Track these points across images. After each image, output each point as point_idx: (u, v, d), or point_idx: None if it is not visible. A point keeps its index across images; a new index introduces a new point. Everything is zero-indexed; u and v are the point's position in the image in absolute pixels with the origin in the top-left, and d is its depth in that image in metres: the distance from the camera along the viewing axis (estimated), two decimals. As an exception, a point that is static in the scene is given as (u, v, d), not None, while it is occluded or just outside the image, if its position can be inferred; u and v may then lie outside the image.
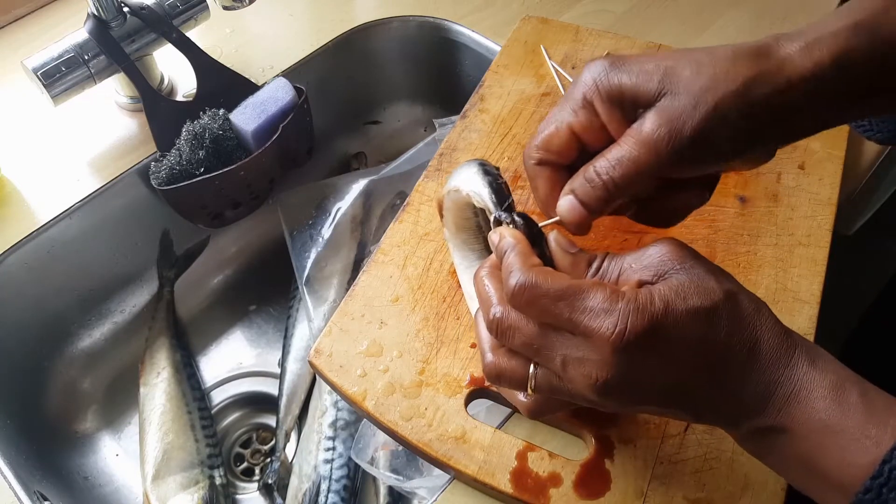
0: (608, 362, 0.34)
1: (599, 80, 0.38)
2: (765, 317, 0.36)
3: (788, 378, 0.35)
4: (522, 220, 0.39)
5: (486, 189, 0.41)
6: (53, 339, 0.73)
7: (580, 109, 0.38)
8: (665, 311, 0.34)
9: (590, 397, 0.35)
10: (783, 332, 0.36)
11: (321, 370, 0.51)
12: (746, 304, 0.36)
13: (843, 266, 0.60)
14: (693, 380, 0.35)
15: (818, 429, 0.34)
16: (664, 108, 0.36)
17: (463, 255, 0.50)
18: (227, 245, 0.83)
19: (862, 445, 0.33)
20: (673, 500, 0.45)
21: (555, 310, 0.35)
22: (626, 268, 0.37)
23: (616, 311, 0.33)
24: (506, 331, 0.37)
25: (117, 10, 0.65)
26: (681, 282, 0.35)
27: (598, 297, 0.34)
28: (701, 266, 0.36)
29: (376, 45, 0.85)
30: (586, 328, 0.34)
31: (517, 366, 0.38)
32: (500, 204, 0.41)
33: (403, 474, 0.56)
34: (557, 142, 0.39)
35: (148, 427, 0.68)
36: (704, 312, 0.34)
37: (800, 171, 0.60)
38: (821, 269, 0.55)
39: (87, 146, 0.71)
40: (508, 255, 0.37)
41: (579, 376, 0.35)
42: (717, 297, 0.35)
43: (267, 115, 0.68)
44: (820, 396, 0.34)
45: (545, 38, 0.72)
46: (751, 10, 0.79)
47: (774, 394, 0.35)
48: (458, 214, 0.48)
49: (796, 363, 0.35)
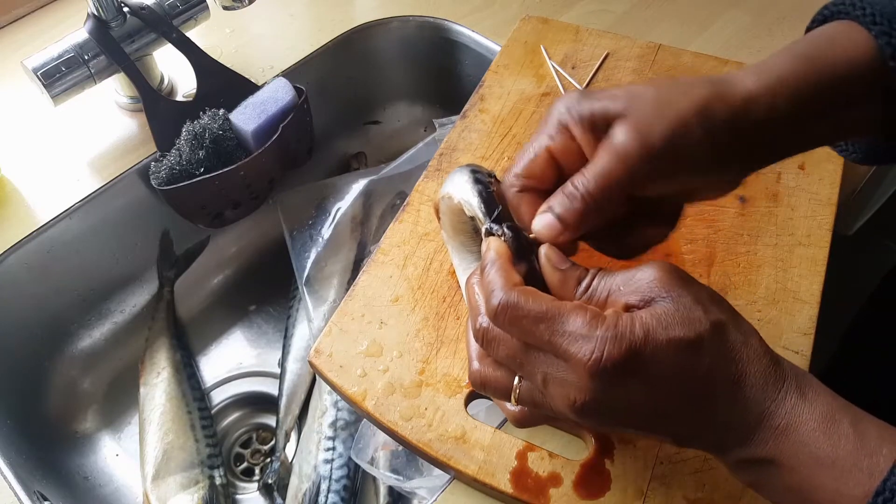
0: (585, 387, 0.34)
1: (571, 107, 0.39)
2: (752, 348, 0.35)
3: (776, 411, 0.34)
4: (512, 232, 0.39)
5: (476, 199, 0.41)
6: (53, 339, 0.73)
7: (557, 134, 0.39)
8: (644, 340, 0.33)
9: (569, 416, 0.36)
10: (772, 364, 0.35)
11: (321, 370, 0.51)
12: (734, 335, 0.35)
13: (843, 266, 0.60)
14: (673, 409, 0.35)
15: (809, 462, 0.33)
16: (632, 121, 0.37)
17: (461, 256, 0.50)
18: (227, 245, 0.83)
19: (854, 477, 0.32)
20: (673, 500, 0.45)
21: (535, 331, 0.35)
22: (615, 289, 0.36)
23: (594, 338, 0.33)
24: (491, 341, 0.37)
25: (117, 10, 0.65)
26: (665, 310, 0.34)
27: (578, 321, 0.34)
28: (690, 294, 0.35)
29: (376, 45, 0.85)
30: (565, 352, 0.34)
31: (502, 376, 0.38)
32: (490, 213, 0.40)
33: (403, 474, 0.56)
34: (537, 167, 0.40)
35: (148, 427, 0.68)
36: (686, 343, 0.34)
37: (800, 171, 0.60)
38: (821, 269, 0.55)
39: (87, 146, 0.71)
40: (489, 269, 0.37)
41: (558, 395, 0.35)
42: (701, 329, 0.34)
43: (267, 115, 0.68)
44: (810, 429, 0.34)
45: (545, 38, 0.72)
46: (751, 10, 0.79)
47: (761, 426, 0.34)
48: (454, 218, 0.48)
49: (784, 396, 0.34)
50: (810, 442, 0.33)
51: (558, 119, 0.40)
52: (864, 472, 0.32)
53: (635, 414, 0.35)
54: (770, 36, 0.77)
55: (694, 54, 0.69)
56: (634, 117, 0.37)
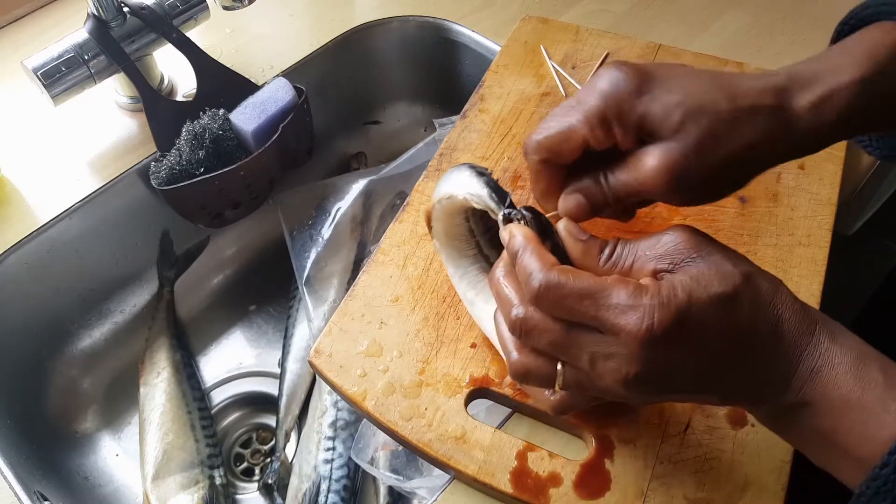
0: (637, 357, 0.34)
1: (623, 104, 0.37)
2: (783, 294, 0.36)
3: (811, 354, 0.35)
4: (531, 214, 0.39)
5: (486, 189, 0.41)
6: (53, 339, 0.73)
7: (597, 126, 0.38)
8: (689, 302, 0.34)
9: (619, 391, 0.36)
10: (802, 309, 0.36)
11: (321, 370, 0.51)
12: (765, 284, 0.36)
13: (843, 266, 0.60)
14: (721, 365, 0.35)
15: (839, 404, 0.34)
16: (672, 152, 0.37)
17: (457, 263, 0.50)
18: (227, 245, 0.83)
19: (882, 420, 0.33)
20: (673, 500, 0.45)
21: (580, 308, 0.35)
22: (641, 255, 0.37)
23: (641, 307, 0.34)
24: (530, 331, 0.37)
25: (117, 10, 0.65)
26: (700, 270, 0.35)
27: (623, 293, 0.34)
28: (717, 252, 0.36)
29: (376, 45, 0.85)
30: (613, 325, 0.34)
31: (544, 364, 0.38)
32: (502, 201, 0.40)
33: (403, 474, 0.56)
34: (567, 148, 0.39)
35: (148, 427, 0.68)
36: (727, 298, 0.34)
37: (800, 171, 0.60)
38: (821, 269, 0.55)
39: (87, 146, 0.71)
40: (522, 254, 0.37)
41: (608, 372, 0.35)
42: (736, 281, 0.35)
43: (267, 115, 0.68)
44: (841, 372, 0.34)
45: (545, 38, 0.72)
46: (751, 10, 0.79)
47: (797, 370, 0.35)
48: (448, 222, 0.48)
49: (818, 339, 0.35)
50: (841, 384, 0.34)
51: (604, 109, 0.38)
52: (891, 415, 0.33)
53: (686, 377, 0.35)
54: (770, 36, 0.77)
55: (694, 54, 0.69)
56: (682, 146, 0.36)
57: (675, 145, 0.37)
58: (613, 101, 0.38)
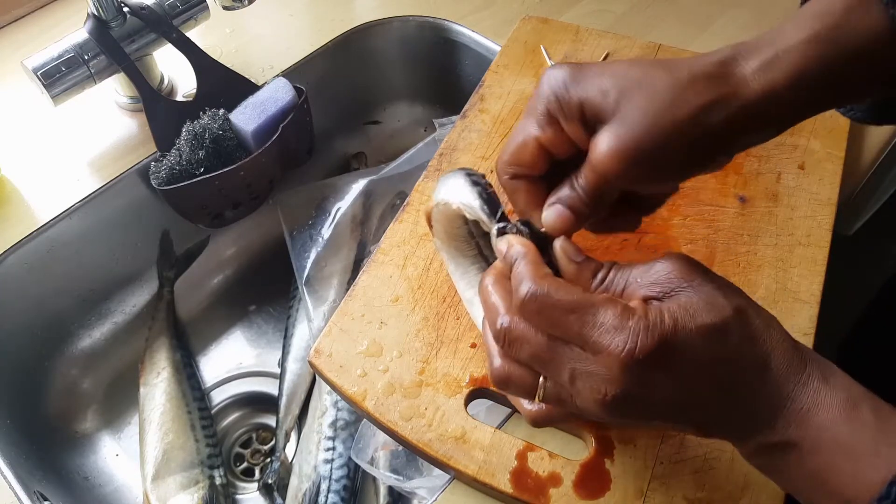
0: (617, 379, 0.34)
1: (560, 96, 0.38)
2: (775, 331, 0.36)
3: (800, 394, 0.34)
4: (527, 227, 0.39)
5: (478, 201, 0.41)
6: (53, 339, 0.73)
7: (546, 125, 0.39)
8: (675, 330, 0.33)
9: (596, 411, 0.35)
10: (794, 348, 0.36)
11: (321, 370, 0.51)
12: (756, 320, 0.35)
13: (843, 266, 0.60)
14: (703, 396, 0.35)
15: (829, 446, 0.33)
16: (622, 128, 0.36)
17: (457, 263, 0.50)
18: (227, 245, 0.83)
19: (872, 464, 0.32)
20: (673, 500, 0.45)
21: (565, 322, 0.35)
22: (632, 282, 0.37)
23: (627, 329, 0.33)
24: (513, 342, 0.37)
25: (117, 10, 0.65)
26: (690, 299, 0.35)
27: (610, 313, 0.34)
28: (709, 283, 0.36)
29: (376, 45, 0.85)
30: (596, 344, 0.34)
31: (526, 374, 0.38)
32: (493, 213, 0.40)
33: (403, 474, 0.56)
34: (528, 156, 0.40)
35: (148, 427, 0.68)
36: (715, 329, 0.34)
37: (800, 171, 0.60)
38: (821, 269, 0.55)
39: (87, 146, 0.71)
40: (519, 263, 0.37)
41: (587, 390, 0.35)
42: (726, 314, 0.34)
43: (267, 115, 0.68)
44: (832, 413, 0.34)
45: (545, 38, 0.72)
46: (751, 9, 0.79)
47: (786, 409, 0.34)
48: (447, 224, 0.48)
49: (808, 380, 0.35)
50: (831, 426, 0.34)
51: (546, 107, 0.39)
52: (882, 458, 0.32)
53: (665, 405, 0.35)
54: (770, 36, 0.76)
55: (694, 54, 0.69)
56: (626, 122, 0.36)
57: (618, 124, 0.36)
58: (553, 97, 0.38)
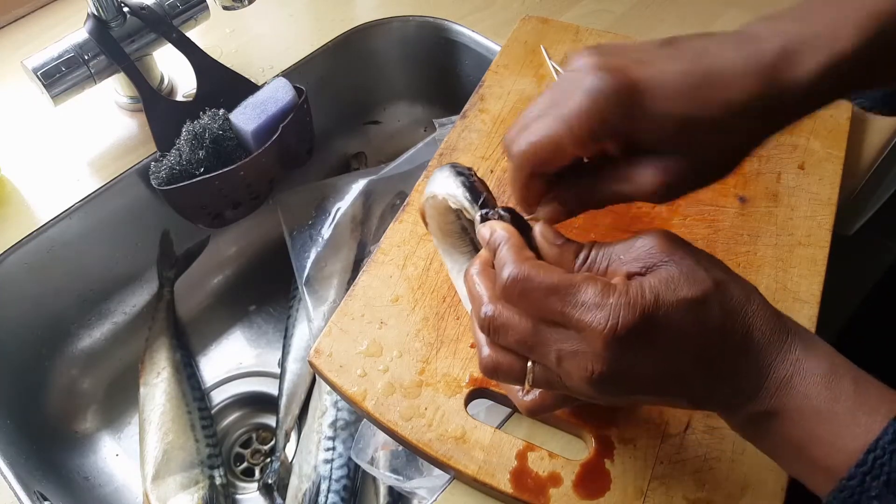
0: (601, 356, 0.34)
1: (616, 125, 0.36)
2: (756, 302, 0.36)
3: (782, 363, 0.35)
4: (509, 213, 0.40)
5: (460, 189, 0.42)
6: (53, 339, 0.73)
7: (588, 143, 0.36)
8: (656, 304, 0.34)
9: (586, 390, 0.36)
10: (775, 317, 0.36)
11: (321, 370, 0.51)
12: (737, 291, 0.36)
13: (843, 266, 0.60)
14: (687, 369, 0.35)
15: (810, 414, 0.34)
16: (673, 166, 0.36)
17: (453, 259, 0.50)
18: (227, 245, 0.83)
19: (851, 432, 0.33)
20: (673, 500, 0.45)
21: (547, 303, 0.35)
22: (615, 259, 0.37)
23: (608, 306, 0.34)
24: (498, 329, 0.37)
25: (117, 10, 0.65)
26: (670, 273, 0.35)
27: (590, 291, 0.34)
28: (690, 256, 0.36)
29: (376, 45, 0.85)
30: (578, 322, 0.34)
31: (514, 361, 0.38)
32: (476, 201, 0.41)
33: (403, 474, 0.56)
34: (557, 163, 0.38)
35: (148, 427, 0.68)
36: (695, 302, 0.35)
37: (800, 171, 0.60)
38: (821, 269, 0.55)
39: (87, 146, 0.71)
40: (502, 248, 0.37)
41: (574, 369, 0.35)
42: (706, 287, 0.35)
43: (267, 115, 0.68)
44: (813, 382, 0.34)
45: (545, 38, 0.72)
46: (751, 9, 0.79)
47: (768, 378, 0.35)
48: (440, 220, 0.48)
49: (790, 348, 0.35)
50: (812, 394, 0.34)
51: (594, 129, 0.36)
52: (861, 427, 0.33)
53: (652, 378, 0.35)
54: (770, 36, 0.76)
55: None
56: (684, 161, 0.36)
57: (674, 161, 0.37)
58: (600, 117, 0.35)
